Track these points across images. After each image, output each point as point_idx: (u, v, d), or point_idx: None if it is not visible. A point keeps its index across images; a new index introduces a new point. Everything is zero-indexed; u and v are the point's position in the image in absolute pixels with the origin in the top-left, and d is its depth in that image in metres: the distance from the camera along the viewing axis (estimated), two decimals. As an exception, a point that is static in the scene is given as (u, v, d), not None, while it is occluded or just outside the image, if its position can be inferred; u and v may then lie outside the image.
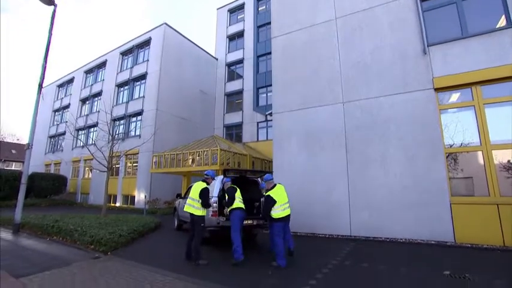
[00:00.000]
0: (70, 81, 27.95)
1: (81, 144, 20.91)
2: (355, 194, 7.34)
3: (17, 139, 46.64)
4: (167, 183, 17.30)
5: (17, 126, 72.81)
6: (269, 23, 13.43)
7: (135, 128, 19.49)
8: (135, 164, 18.83)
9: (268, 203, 5.00)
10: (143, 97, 19.60)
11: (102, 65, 24.46)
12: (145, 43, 21.12)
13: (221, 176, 6.63)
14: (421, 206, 6.48)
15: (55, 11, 9.30)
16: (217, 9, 26.60)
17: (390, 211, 6.82)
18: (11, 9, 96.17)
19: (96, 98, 23.89)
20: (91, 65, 25.46)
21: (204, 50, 23.92)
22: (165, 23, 20.11)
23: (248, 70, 22.55)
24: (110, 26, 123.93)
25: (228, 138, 21.49)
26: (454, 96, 6.86)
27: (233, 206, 5.28)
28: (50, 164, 26.39)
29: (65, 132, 22.77)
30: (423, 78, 7.00)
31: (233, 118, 22.64)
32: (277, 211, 4.98)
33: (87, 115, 23.91)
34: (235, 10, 25.32)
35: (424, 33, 7.13)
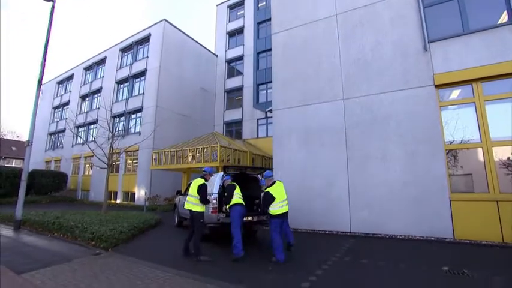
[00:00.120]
0: (69, 78, 27.87)
1: (81, 141, 20.95)
2: (355, 191, 7.35)
3: (17, 136, 46.70)
4: (167, 180, 17.34)
5: (17, 123, 72.94)
6: (269, 19, 13.33)
7: (135, 125, 19.49)
8: (135, 161, 18.86)
9: (267, 199, 5.03)
10: (143, 94, 19.56)
11: (101, 62, 24.38)
12: (144, 39, 21.02)
13: (221, 173, 6.64)
14: (421, 203, 6.50)
15: (54, 7, 9.26)
16: (216, 5, 26.39)
17: (390, 208, 6.84)
18: (11, 5, 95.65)
19: (95, 95, 23.86)
20: (90, 62, 25.36)
21: (204, 47, 23.80)
22: (165, 19, 19.99)
23: (248, 67, 22.46)
24: (110, 25, 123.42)
25: (228, 135, 21.48)
26: (455, 93, 6.84)
27: (232, 202, 5.32)
28: (50, 161, 26.41)
29: (65, 129, 22.77)
30: (424, 75, 6.97)
31: (233, 115, 22.61)
32: (275, 208, 5.01)
33: (86, 112, 23.89)
34: (235, 6, 25.13)
35: (425, 29, 7.09)
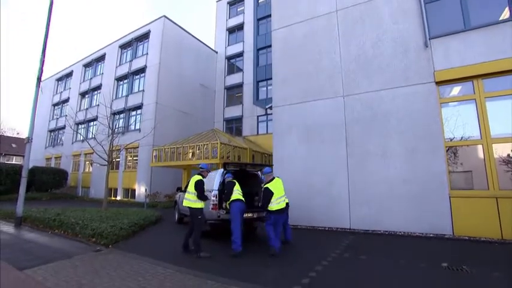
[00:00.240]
0: (69, 74, 27.76)
1: (81, 138, 20.91)
2: (354, 188, 7.37)
3: (17, 133, 46.67)
4: (167, 176, 17.35)
5: (17, 120, 72.83)
6: (269, 16, 13.26)
7: (135, 122, 19.44)
8: (135, 158, 18.86)
9: (266, 195, 5.09)
10: (143, 91, 19.50)
11: (101, 59, 24.26)
12: (144, 36, 20.90)
13: (221, 169, 6.65)
14: (421, 199, 6.52)
15: (52, 3, 9.20)
16: (216, 1, 26.18)
17: (390, 204, 6.85)
18: (10, 2, 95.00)
19: (95, 92, 23.77)
20: (90, 59, 25.23)
21: (204, 43, 23.67)
22: (164, 16, 19.84)
23: (248, 63, 22.36)
24: (110, 22, 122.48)
25: (228, 131, 21.47)
26: (455, 89, 6.82)
27: (232, 198, 5.36)
28: (51, 158, 26.43)
29: (65, 126, 22.73)
30: (424, 71, 6.94)
31: (233, 112, 22.56)
32: (272, 204, 5.08)
33: (86, 109, 23.83)
34: (234, 2, 24.95)
35: (426, 26, 7.05)
